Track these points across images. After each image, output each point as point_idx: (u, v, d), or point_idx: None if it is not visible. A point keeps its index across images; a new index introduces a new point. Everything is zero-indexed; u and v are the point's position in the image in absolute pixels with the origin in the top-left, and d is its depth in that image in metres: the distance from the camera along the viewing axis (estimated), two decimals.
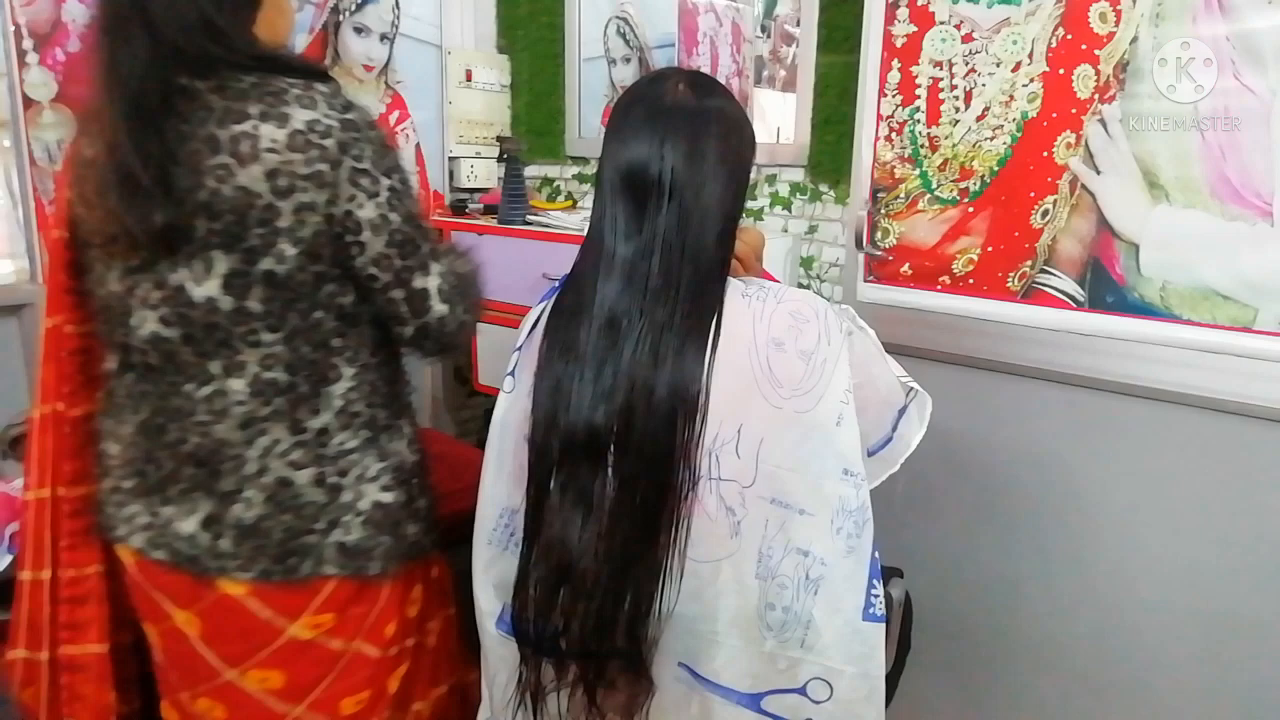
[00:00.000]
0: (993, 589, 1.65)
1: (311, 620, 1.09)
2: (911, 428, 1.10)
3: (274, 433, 1.04)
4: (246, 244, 0.98)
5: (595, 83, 2.29)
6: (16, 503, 1.42)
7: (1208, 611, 1.42)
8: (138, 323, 1.02)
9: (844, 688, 0.97)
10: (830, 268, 1.88)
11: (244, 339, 1.01)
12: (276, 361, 1.02)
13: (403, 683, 1.19)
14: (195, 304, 0.99)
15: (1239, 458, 1.36)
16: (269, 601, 1.08)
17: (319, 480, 1.06)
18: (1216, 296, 1.33)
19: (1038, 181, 1.47)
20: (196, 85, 0.97)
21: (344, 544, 1.08)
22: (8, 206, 1.74)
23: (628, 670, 0.98)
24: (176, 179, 0.95)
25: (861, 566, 0.97)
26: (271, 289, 1.00)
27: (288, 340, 1.02)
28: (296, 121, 0.97)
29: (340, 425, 1.07)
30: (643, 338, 0.96)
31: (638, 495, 0.95)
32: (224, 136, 0.95)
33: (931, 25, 1.54)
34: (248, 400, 1.02)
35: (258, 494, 1.04)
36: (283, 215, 0.98)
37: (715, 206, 0.99)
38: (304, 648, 1.10)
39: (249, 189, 0.96)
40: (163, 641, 1.13)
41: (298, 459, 1.05)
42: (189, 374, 1.03)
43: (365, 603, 1.13)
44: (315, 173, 0.98)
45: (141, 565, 1.09)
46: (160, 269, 0.99)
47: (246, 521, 1.04)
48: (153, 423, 1.05)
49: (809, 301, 1.01)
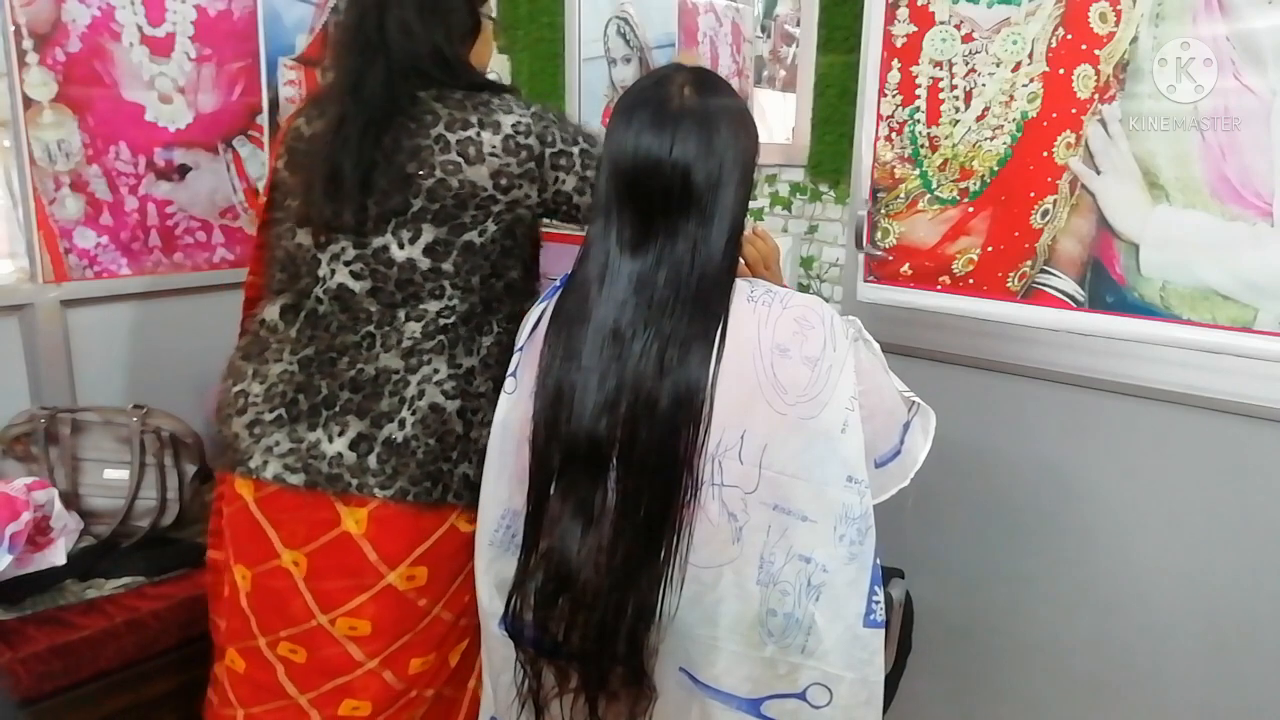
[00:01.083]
0: (993, 589, 1.65)
1: (408, 571, 1.18)
2: (916, 441, 1.09)
3: (435, 363, 1.19)
4: (458, 220, 1.17)
5: (595, 83, 2.29)
6: (17, 502, 1.42)
7: (1208, 611, 1.42)
8: (326, 274, 1.19)
9: (844, 693, 0.97)
10: (830, 268, 1.88)
11: (432, 293, 1.19)
12: (453, 311, 1.20)
13: (463, 657, 1.26)
14: (395, 263, 1.17)
15: (1239, 458, 1.36)
16: (381, 543, 1.17)
17: (461, 412, 1.20)
18: (1216, 296, 1.33)
19: (1038, 181, 1.46)
20: (420, 95, 1.18)
21: (468, 475, 1.20)
22: (8, 206, 1.74)
23: (628, 678, 0.97)
24: (388, 173, 1.15)
25: (863, 573, 0.97)
26: (467, 255, 1.19)
27: (465, 296, 1.20)
28: (506, 127, 1.18)
29: (480, 370, 1.22)
30: (648, 349, 0.95)
31: (641, 507, 0.95)
32: (453, 139, 1.16)
33: (931, 25, 1.54)
34: (418, 337, 1.18)
35: (411, 415, 1.17)
36: (499, 203, 1.19)
37: (727, 210, 0.98)
38: (396, 599, 1.18)
39: (476, 183, 1.17)
40: (259, 583, 1.21)
41: (450, 389, 1.19)
42: (367, 318, 1.18)
43: (461, 556, 1.20)
44: (527, 170, 1.19)
45: (267, 498, 1.19)
46: (366, 232, 1.17)
47: (397, 440, 1.16)
48: (322, 357, 1.19)
49: (814, 307, 1.00)
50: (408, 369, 1.18)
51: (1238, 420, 1.35)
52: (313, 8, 2.04)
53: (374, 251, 1.17)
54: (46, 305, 1.77)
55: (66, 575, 1.51)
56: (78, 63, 1.73)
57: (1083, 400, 1.49)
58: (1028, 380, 1.54)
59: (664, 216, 0.97)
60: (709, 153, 0.96)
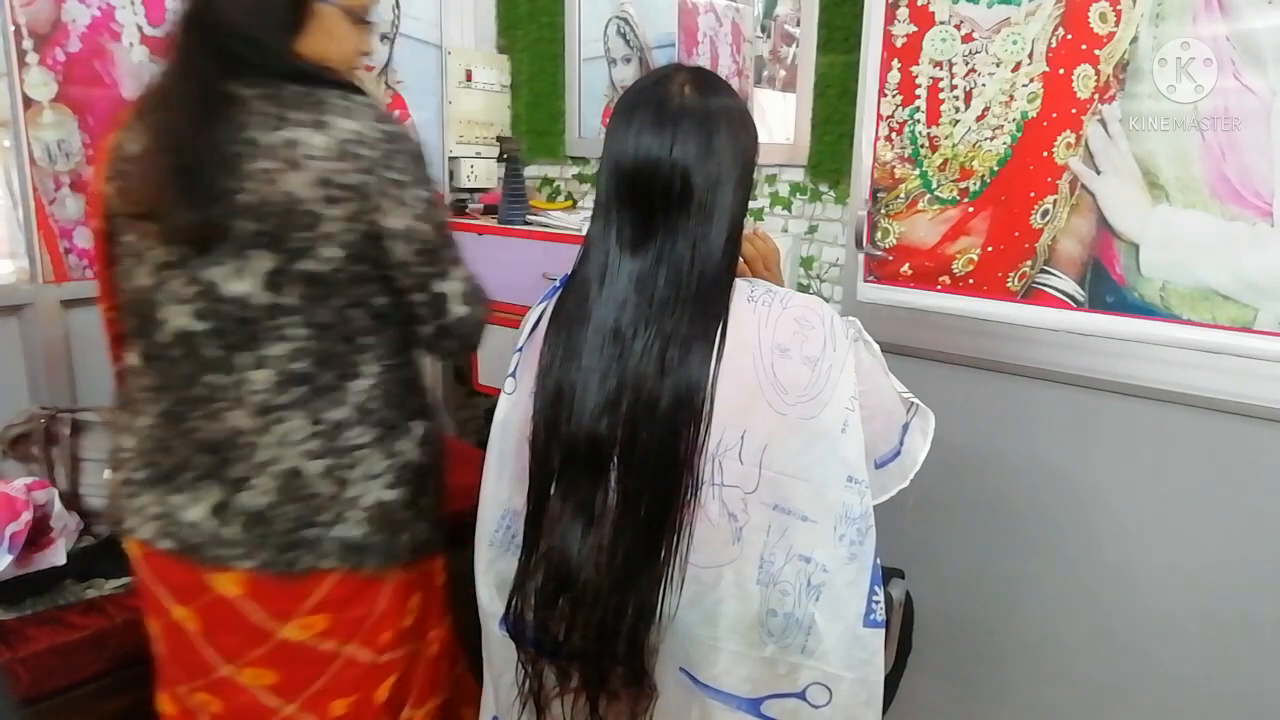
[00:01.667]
0: (993, 588, 1.65)
1: (303, 622, 1.10)
2: (916, 442, 1.08)
3: (292, 421, 1.05)
4: (289, 245, 1.01)
5: (595, 83, 2.29)
6: (17, 503, 1.42)
7: (1207, 610, 1.42)
8: (166, 317, 1.05)
9: (843, 692, 0.97)
10: (830, 268, 1.88)
11: (275, 332, 1.04)
12: (305, 354, 1.05)
13: (394, 691, 1.19)
14: (226, 299, 1.02)
15: (1239, 458, 1.36)
16: (262, 602, 1.09)
17: (329, 472, 1.07)
18: (1216, 296, 1.33)
19: (1038, 181, 1.46)
20: (243, 92, 1.01)
21: (345, 539, 1.09)
22: (8, 206, 1.74)
23: (629, 678, 0.98)
24: (219, 179, 0.99)
25: (863, 573, 0.97)
26: (309, 285, 1.03)
27: (320, 334, 1.05)
28: (341, 131, 1.01)
29: (355, 420, 1.09)
30: (648, 348, 0.95)
31: (642, 508, 0.95)
32: (268, 142, 0.99)
33: (931, 25, 1.54)
34: (269, 390, 1.04)
35: (269, 481, 1.06)
36: (326, 221, 1.02)
37: (726, 209, 0.97)
38: (296, 650, 1.11)
39: (294, 194, 1.00)
40: (164, 635, 1.15)
41: (313, 449, 1.06)
42: (214, 366, 1.05)
43: (361, 604, 1.13)
44: (358, 184, 1.02)
45: (148, 556, 1.11)
46: (193, 265, 1.03)
47: (254, 508, 1.06)
48: (173, 411, 1.07)
49: (814, 307, 1.00)
50: (258, 429, 1.04)
51: (1238, 420, 1.35)
52: None
53: (207, 287, 1.03)
54: (46, 305, 1.77)
55: (66, 575, 1.51)
56: (78, 63, 1.74)
57: (1083, 400, 1.49)
58: (1028, 380, 1.54)
59: (664, 215, 0.97)
60: (708, 152, 0.96)
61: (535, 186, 2.45)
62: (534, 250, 1.99)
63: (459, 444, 2.28)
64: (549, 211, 2.15)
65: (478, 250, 2.11)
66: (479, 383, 2.25)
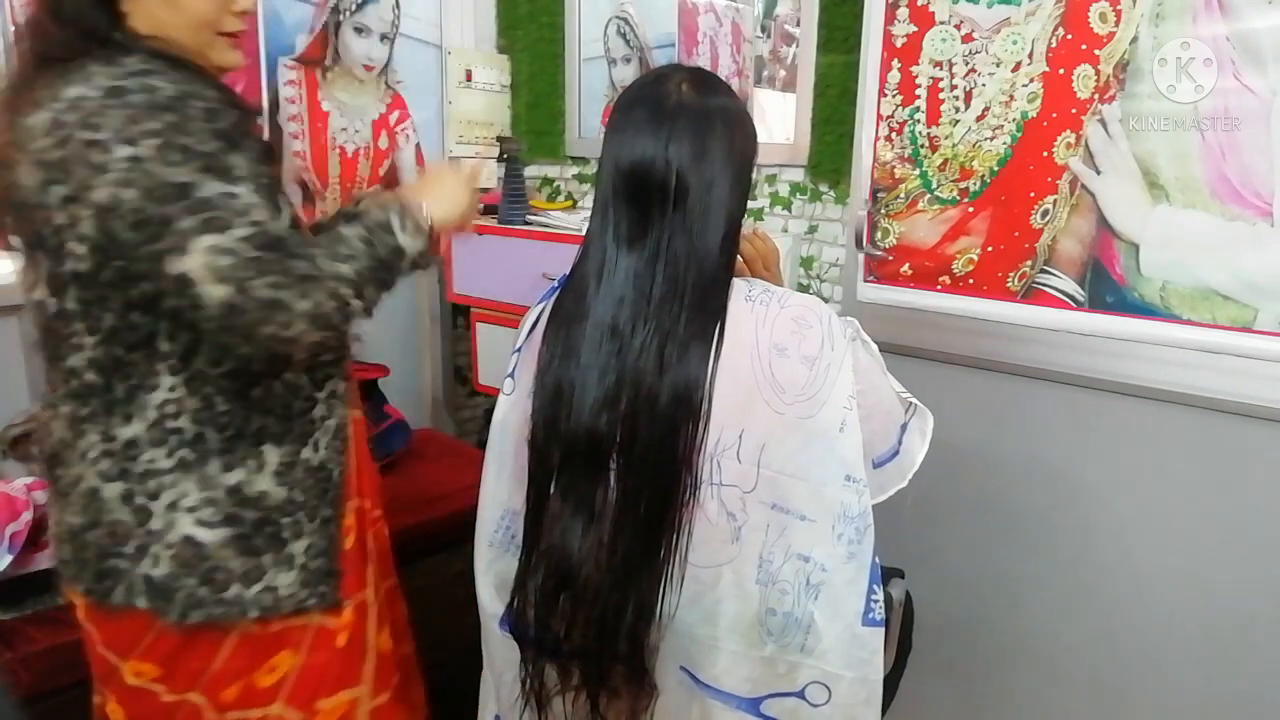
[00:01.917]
0: (993, 588, 1.65)
1: (135, 667, 1.00)
2: (914, 442, 1.08)
3: (90, 435, 0.95)
4: (46, 245, 0.89)
5: (595, 83, 2.29)
6: (17, 503, 1.42)
7: (1207, 610, 1.42)
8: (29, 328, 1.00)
9: (842, 692, 0.97)
10: (830, 268, 1.88)
11: (69, 341, 0.94)
12: (93, 364, 0.93)
13: None
14: (35, 306, 0.96)
15: (1239, 458, 1.36)
16: (100, 631, 1.01)
17: (126, 497, 0.95)
18: (1216, 296, 1.33)
19: (1038, 181, 1.46)
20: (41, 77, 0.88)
21: (150, 577, 0.96)
22: None
23: (630, 676, 0.98)
24: None
25: (862, 572, 0.97)
26: (82, 288, 0.91)
27: (107, 340, 0.93)
28: (59, 102, 0.85)
29: (152, 440, 0.94)
30: (647, 345, 0.95)
31: (641, 504, 0.95)
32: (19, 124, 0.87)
33: (931, 25, 1.54)
34: (73, 401, 0.95)
35: (79, 500, 0.96)
36: (55, 211, 0.87)
37: (721, 208, 0.98)
38: (136, 692, 1.01)
39: (19, 184, 0.87)
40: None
41: (105, 469, 0.95)
42: (47, 375, 0.99)
43: (196, 658, 1.00)
44: (57, 159, 0.85)
45: None
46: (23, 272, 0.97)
47: (73, 527, 0.97)
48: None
49: (812, 307, 1.00)
50: (69, 442, 0.96)
51: (1238, 420, 1.35)
52: (313, 8, 2.04)
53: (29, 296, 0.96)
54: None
55: None
56: None
57: (1083, 400, 1.49)
58: (1028, 380, 1.54)
59: (660, 213, 0.97)
60: (704, 151, 0.96)
61: (535, 186, 2.45)
62: (534, 250, 1.99)
63: (458, 444, 2.28)
64: (549, 211, 2.15)
65: (478, 250, 2.12)
66: (479, 383, 2.25)
